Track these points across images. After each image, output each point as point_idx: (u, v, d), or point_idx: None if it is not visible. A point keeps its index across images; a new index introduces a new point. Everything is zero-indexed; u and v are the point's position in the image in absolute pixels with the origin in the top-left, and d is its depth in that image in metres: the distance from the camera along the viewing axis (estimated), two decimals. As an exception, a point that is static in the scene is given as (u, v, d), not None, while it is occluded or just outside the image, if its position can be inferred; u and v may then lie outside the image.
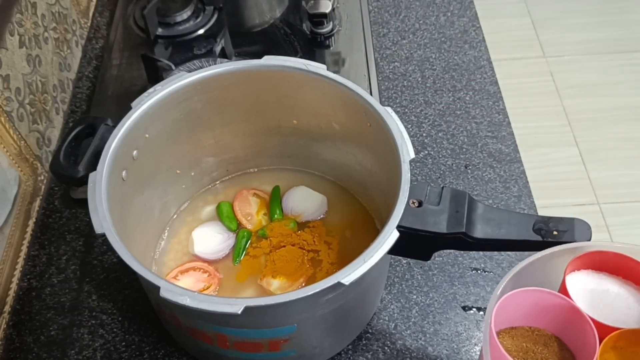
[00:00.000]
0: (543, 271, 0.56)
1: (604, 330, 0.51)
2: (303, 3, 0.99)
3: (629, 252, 0.56)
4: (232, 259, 0.72)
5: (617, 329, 0.51)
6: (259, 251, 0.72)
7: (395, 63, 0.97)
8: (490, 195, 0.81)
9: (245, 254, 0.72)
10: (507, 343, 0.56)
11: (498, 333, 0.56)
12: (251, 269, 0.71)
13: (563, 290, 0.55)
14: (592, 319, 0.52)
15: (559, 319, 0.55)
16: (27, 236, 0.78)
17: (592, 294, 0.56)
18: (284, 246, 0.72)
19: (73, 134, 0.65)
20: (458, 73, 0.95)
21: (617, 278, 0.57)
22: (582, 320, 0.52)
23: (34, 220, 0.80)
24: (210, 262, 0.72)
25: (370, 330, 0.70)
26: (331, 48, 0.97)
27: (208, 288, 0.69)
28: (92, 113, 0.89)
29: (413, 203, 0.57)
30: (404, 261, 0.75)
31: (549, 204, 1.73)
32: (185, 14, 0.97)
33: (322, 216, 0.76)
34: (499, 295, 0.53)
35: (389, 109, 0.63)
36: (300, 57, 0.67)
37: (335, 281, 0.51)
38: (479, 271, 0.74)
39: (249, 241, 0.73)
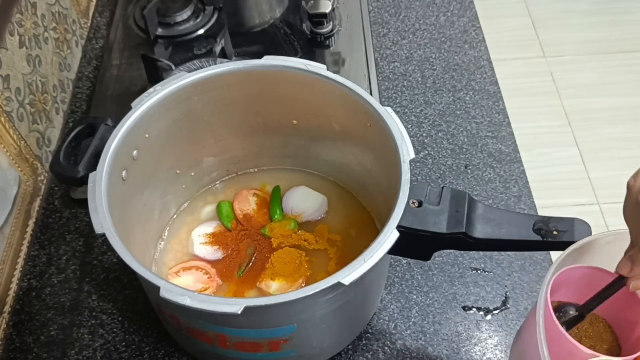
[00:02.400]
0: (603, 252, 0.54)
1: None
2: (303, 3, 0.99)
3: None
4: (231, 259, 0.72)
5: None
6: (258, 255, 0.72)
7: (395, 63, 0.97)
8: (490, 195, 0.81)
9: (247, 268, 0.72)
10: None
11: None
12: (251, 277, 0.71)
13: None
14: None
15: (611, 302, 0.53)
16: (27, 236, 0.78)
17: None
18: (282, 247, 0.72)
19: (73, 134, 0.65)
20: (458, 73, 0.95)
21: None
22: (636, 307, 0.50)
23: (34, 220, 0.80)
24: (210, 262, 0.72)
25: (370, 330, 0.70)
26: (331, 48, 0.97)
27: (205, 290, 0.69)
28: (92, 113, 0.89)
29: (413, 203, 0.57)
30: (404, 261, 0.75)
31: (549, 204, 1.73)
32: (185, 14, 0.97)
33: (322, 216, 0.76)
34: (557, 267, 0.51)
35: (389, 109, 0.63)
36: (300, 57, 0.67)
37: (335, 281, 0.51)
38: (479, 271, 0.74)
39: (255, 254, 0.72)
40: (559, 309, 0.54)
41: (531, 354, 0.48)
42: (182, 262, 0.72)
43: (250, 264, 0.71)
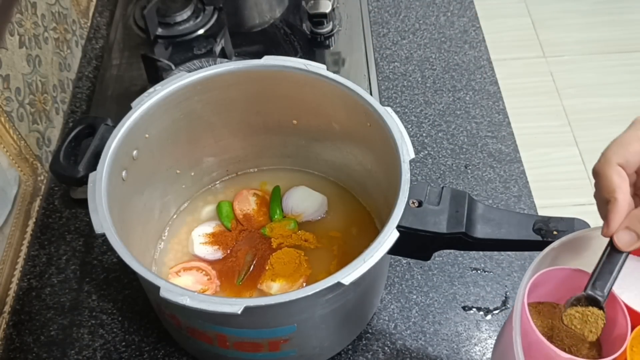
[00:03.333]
0: (582, 249, 0.53)
1: (636, 317, 0.48)
2: (303, 3, 0.99)
3: None
4: (229, 265, 0.72)
5: None
6: (258, 259, 0.72)
7: (395, 63, 0.97)
8: (490, 195, 0.81)
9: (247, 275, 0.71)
10: (533, 318, 0.54)
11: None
12: (251, 281, 0.71)
13: None
14: (627, 306, 0.49)
15: None
16: (27, 236, 0.78)
17: (633, 279, 0.52)
18: (281, 248, 0.72)
19: (73, 134, 0.65)
20: (458, 73, 0.95)
21: None
22: (615, 305, 0.49)
23: (34, 220, 0.80)
24: (210, 262, 0.72)
25: (370, 330, 0.70)
26: (331, 48, 0.97)
27: (204, 292, 0.69)
28: (92, 113, 0.89)
29: (413, 203, 0.57)
30: (404, 261, 0.75)
31: (549, 204, 1.73)
32: (185, 14, 0.97)
33: (322, 216, 0.76)
34: (534, 270, 0.50)
35: (389, 109, 0.63)
36: (300, 57, 0.67)
37: (335, 281, 0.51)
38: (479, 271, 0.74)
39: (254, 262, 0.72)
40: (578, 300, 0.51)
41: (510, 357, 0.48)
42: (184, 262, 0.72)
43: (250, 271, 0.71)
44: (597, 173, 0.48)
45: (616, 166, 0.46)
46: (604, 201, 0.48)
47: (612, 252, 0.48)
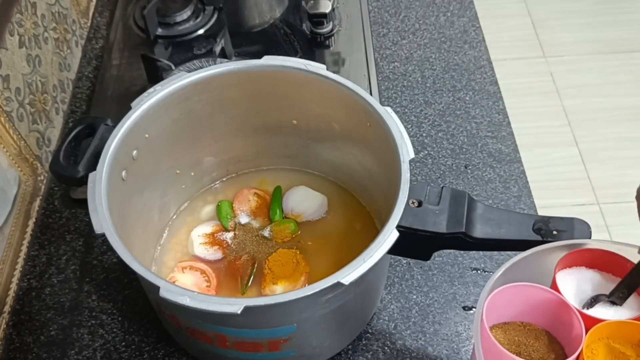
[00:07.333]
0: (535, 267, 0.57)
1: (590, 322, 0.52)
2: (303, 3, 0.99)
3: (621, 251, 0.56)
4: (230, 266, 0.72)
5: (603, 320, 0.52)
6: (258, 263, 0.72)
7: (395, 63, 0.97)
8: (490, 195, 0.81)
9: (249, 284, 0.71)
10: (500, 337, 0.57)
11: (491, 328, 0.57)
12: (253, 289, 0.71)
13: (553, 285, 0.56)
14: (579, 312, 0.53)
15: (549, 312, 0.56)
16: (27, 236, 0.78)
17: (582, 290, 0.56)
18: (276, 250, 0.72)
19: (73, 134, 0.65)
20: (458, 73, 0.95)
21: (609, 275, 0.57)
22: (569, 312, 0.53)
23: (33, 220, 0.80)
24: (209, 262, 0.72)
25: (370, 330, 0.70)
26: (331, 48, 0.97)
27: None
28: (92, 113, 0.89)
29: (413, 203, 0.57)
30: (404, 261, 0.75)
31: (549, 204, 1.73)
32: (185, 14, 0.97)
33: (322, 216, 0.76)
34: (490, 289, 0.53)
35: (388, 109, 0.63)
36: (300, 57, 0.67)
37: (335, 281, 0.51)
38: (479, 271, 0.74)
39: (255, 271, 0.72)
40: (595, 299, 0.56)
41: None
42: (193, 261, 0.72)
43: (252, 279, 0.71)
44: (637, 197, 0.52)
45: None
46: None
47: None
